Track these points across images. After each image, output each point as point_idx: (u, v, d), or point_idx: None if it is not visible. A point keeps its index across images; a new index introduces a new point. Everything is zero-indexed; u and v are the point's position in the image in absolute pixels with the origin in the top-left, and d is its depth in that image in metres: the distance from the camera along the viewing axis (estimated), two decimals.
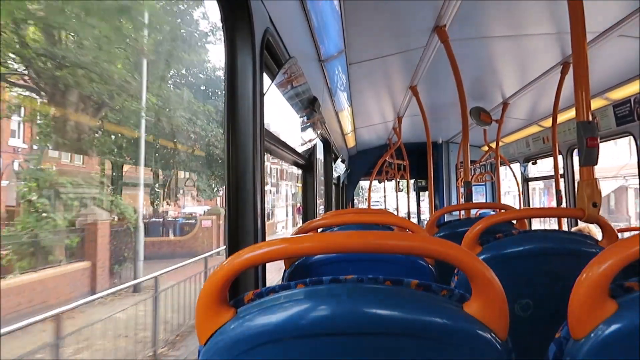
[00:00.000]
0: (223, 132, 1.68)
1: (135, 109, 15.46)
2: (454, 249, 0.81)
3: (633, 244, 0.80)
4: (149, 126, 16.51)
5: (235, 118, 1.62)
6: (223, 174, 20.84)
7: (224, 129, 1.65)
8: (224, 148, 1.64)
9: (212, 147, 20.18)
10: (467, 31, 2.97)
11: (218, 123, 20.29)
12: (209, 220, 20.16)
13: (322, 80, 3.40)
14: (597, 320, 0.79)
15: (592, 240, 1.65)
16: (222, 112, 19.24)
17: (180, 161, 19.98)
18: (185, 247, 19.04)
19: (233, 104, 1.62)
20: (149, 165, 18.11)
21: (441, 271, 1.71)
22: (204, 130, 19.69)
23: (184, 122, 18.30)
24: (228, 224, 1.62)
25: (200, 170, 21.35)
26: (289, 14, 2.18)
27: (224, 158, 1.65)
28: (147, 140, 16.32)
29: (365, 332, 0.80)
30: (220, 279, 0.83)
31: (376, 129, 7.06)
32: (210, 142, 20.08)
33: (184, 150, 19.62)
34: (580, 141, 1.84)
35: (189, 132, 19.06)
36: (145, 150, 16.07)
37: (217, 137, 19.87)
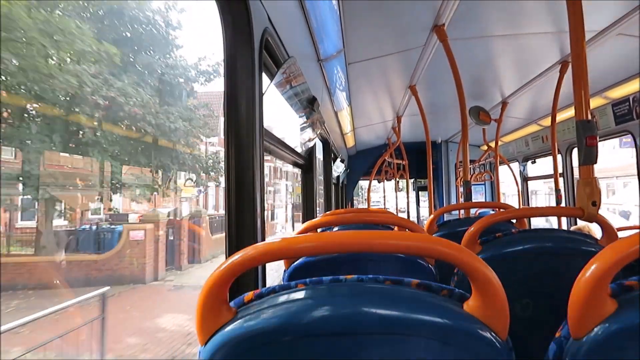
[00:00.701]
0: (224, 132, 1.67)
1: None
2: (453, 248, 0.81)
3: (633, 242, 0.80)
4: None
5: (234, 118, 1.63)
6: (167, 162, 16.09)
7: (223, 129, 1.65)
8: (224, 148, 1.64)
9: (145, 123, 14.88)
10: (465, 30, 2.97)
11: (153, 89, 15.77)
12: (141, 230, 14.26)
13: (321, 80, 3.40)
14: (597, 320, 0.79)
15: (592, 239, 1.65)
16: (160, 74, 16.38)
17: (83, 143, 13.21)
18: (105, 269, 13.24)
19: (232, 104, 1.62)
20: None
21: (441, 271, 1.71)
22: (125, 96, 13.87)
23: (88, 81, 12.17)
24: (228, 224, 1.62)
25: (124, 156, 15.25)
26: (288, 13, 2.18)
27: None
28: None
29: (366, 332, 0.79)
30: (220, 279, 0.83)
31: (375, 128, 7.06)
32: (137, 115, 14.58)
33: (88, 126, 13.12)
34: (580, 140, 1.84)
35: (96, 97, 12.83)
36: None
37: (152, 108, 14.89)
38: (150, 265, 14.15)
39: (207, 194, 32.93)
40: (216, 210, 32.67)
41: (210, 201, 33.75)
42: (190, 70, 18.86)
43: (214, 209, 32.78)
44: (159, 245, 14.70)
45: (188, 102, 18.79)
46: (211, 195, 34.34)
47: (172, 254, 16.39)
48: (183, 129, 17.25)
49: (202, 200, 32.85)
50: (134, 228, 14.41)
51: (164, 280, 14.60)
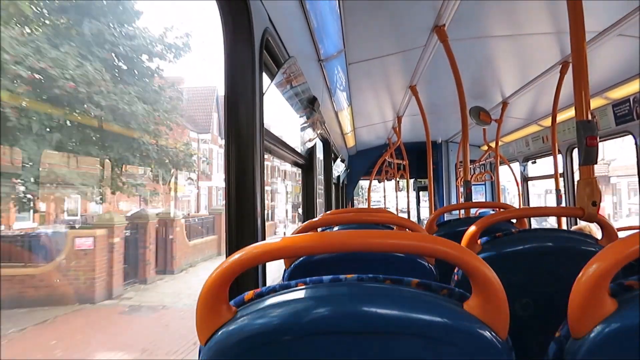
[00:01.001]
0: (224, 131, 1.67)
1: None
2: (453, 248, 0.81)
3: (633, 242, 0.80)
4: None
5: (235, 118, 1.63)
6: (125, 154, 14.51)
7: (224, 129, 1.66)
8: (224, 148, 1.65)
9: (92, 104, 12.29)
10: (466, 31, 2.97)
11: (103, 62, 12.78)
12: (89, 237, 11.51)
13: (322, 80, 3.40)
14: (597, 319, 0.79)
15: (592, 239, 1.65)
16: (112, 45, 13.60)
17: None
18: (44, 286, 10.20)
19: (233, 104, 1.62)
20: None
21: (441, 270, 1.71)
22: (62, 69, 11.12)
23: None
24: (228, 223, 1.62)
25: (69, 145, 12.46)
26: (288, 13, 2.18)
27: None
28: None
29: (366, 331, 0.80)
30: (220, 278, 0.83)
31: (376, 128, 7.06)
32: (80, 94, 11.81)
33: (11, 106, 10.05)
34: (580, 140, 1.84)
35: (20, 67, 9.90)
36: None
37: (102, 86, 12.16)
38: (102, 280, 11.61)
39: (199, 193, 31.74)
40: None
41: (202, 201, 32.33)
42: (155, 44, 15.69)
43: (207, 210, 31.18)
44: (113, 255, 12.12)
45: (154, 83, 15.88)
46: (204, 195, 32.86)
47: (135, 265, 14.03)
48: (143, 113, 14.29)
49: (193, 201, 31.65)
50: (81, 234, 11.49)
51: (120, 298, 12.18)
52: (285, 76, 2.18)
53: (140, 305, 11.86)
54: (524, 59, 3.71)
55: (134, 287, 13.51)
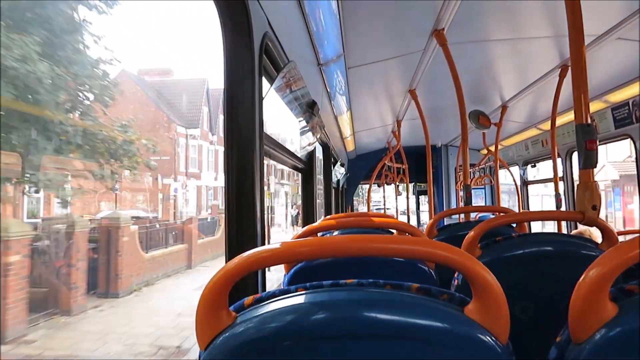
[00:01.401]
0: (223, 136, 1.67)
1: None
2: (453, 252, 0.81)
3: (633, 247, 0.80)
4: None
5: (234, 122, 1.63)
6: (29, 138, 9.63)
7: (223, 133, 1.66)
8: (224, 152, 1.64)
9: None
10: (465, 34, 2.98)
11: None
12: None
13: (321, 84, 3.40)
14: (597, 324, 0.79)
15: (592, 244, 1.65)
16: None
17: None
18: None
19: (232, 109, 1.63)
20: None
21: (441, 275, 1.71)
22: None
23: None
24: (228, 228, 1.62)
25: None
26: (288, 18, 2.18)
27: None
28: None
29: (366, 336, 0.79)
30: (220, 284, 0.82)
31: (375, 132, 7.07)
32: None
33: None
34: (579, 144, 1.84)
35: None
36: None
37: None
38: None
39: (177, 195, 29.48)
40: (199, 213, 29.04)
41: (188, 202, 30.34)
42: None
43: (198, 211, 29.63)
44: (8, 279, 8.80)
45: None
46: (193, 196, 30.84)
47: (54, 290, 10.58)
48: (50, 78, 9.97)
49: (181, 201, 29.62)
50: None
51: (17, 342, 8.66)
52: (284, 80, 2.18)
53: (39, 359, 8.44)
54: (523, 63, 3.72)
55: (50, 322, 10.07)
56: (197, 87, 33.06)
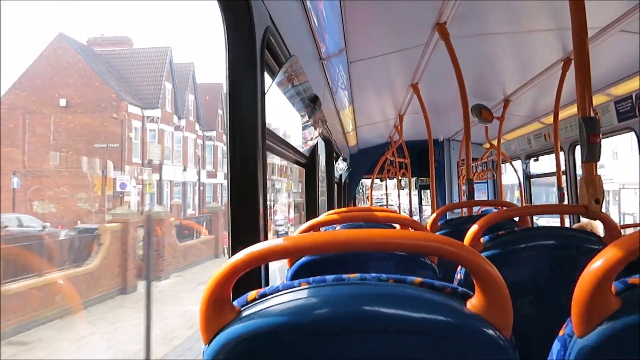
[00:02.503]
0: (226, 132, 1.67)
1: None
2: (456, 246, 0.81)
3: (636, 240, 0.80)
4: None
5: (236, 117, 1.63)
6: None
7: (225, 129, 1.66)
8: (227, 147, 1.65)
9: None
10: (467, 28, 2.96)
11: None
12: None
13: (323, 79, 3.40)
14: (600, 317, 0.79)
15: (595, 237, 1.65)
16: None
17: None
18: None
19: (234, 104, 1.63)
20: None
21: (444, 269, 1.71)
22: None
23: None
24: (231, 223, 1.63)
25: None
26: (290, 12, 2.18)
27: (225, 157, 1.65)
28: None
29: (369, 330, 0.80)
30: (223, 278, 0.83)
31: (377, 127, 7.06)
32: None
33: None
34: (583, 137, 1.84)
35: None
36: None
37: None
38: None
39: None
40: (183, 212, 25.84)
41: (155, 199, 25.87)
42: None
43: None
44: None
45: None
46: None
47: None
48: None
49: (134, 199, 24.63)
50: None
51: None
52: (286, 75, 2.18)
53: None
54: (526, 56, 3.71)
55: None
56: (157, 59, 27.30)
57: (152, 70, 26.87)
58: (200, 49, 64.32)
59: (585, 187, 1.82)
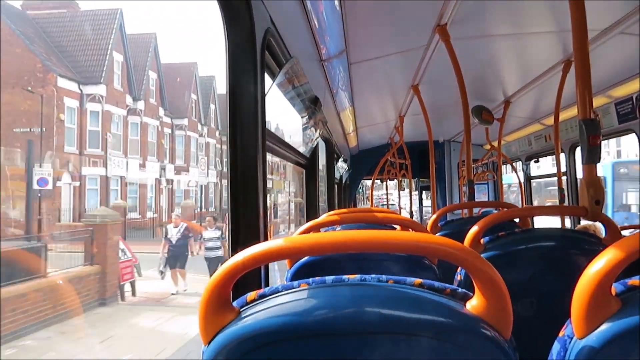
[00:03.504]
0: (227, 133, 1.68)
1: None
2: (456, 247, 0.81)
3: (637, 241, 0.80)
4: None
5: (237, 119, 1.63)
6: None
7: (226, 130, 1.66)
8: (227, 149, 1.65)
9: None
10: (468, 30, 2.96)
11: None
12: None
13: (324, 80, 3.40)
14: (600, 319, 0.79)
15: (595, 238, 1.65)
16: None
17: None
18: None
19: (235, 105, 1.63)
20: None
21: (444, 270, 1.71)
22: None
23: None
24: (231, 224, 1.63)
25: None
26: (290, 14, 2.18)
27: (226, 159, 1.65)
28: None
29: (369, 331, 0.80)
30: (223, 279, 0.83)
31: (378, 128, 7.06)
32: None
33: None
34: (583, 139, 1.84)
35: None
36: None
37: None
38: None
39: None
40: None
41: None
42: None
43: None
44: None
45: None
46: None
47: None
48: None
49: (66, 199, 18.89)
50: None
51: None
52: (287, 76, 2.18)
53: None
54: (526, 58, 3.71)
55: None
56: (102, 22, 21.90)
57: (97, 37, 21.00)
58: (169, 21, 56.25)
59: (586, 188, 1.82)
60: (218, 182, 33.54)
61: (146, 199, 26.02)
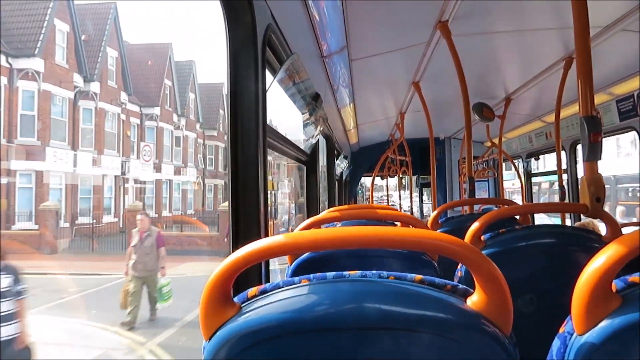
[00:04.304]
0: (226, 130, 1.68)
1: None
2: (457, 244, 0.81)
3: (637, 238, 0.80)
4: None
5: (238, 115, 1.63)
6: None
7: (227, 126, 1.66)
8: (228, 145, 1.65)
9: None
10: (469, 26, 2.96)
11: None
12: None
13: (324, 77, 3.39)
14: (601, 315, 0.79)
15: (596, 236, 1.65)
16: None
17: None
18: None
19: (236, 101, 1.63)
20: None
21: (445, 266, 1.71)
22: None
23: None
24: (232, 220, 1.63)
25: None
26: (291, 10, 2.18)
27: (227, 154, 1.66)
28: None
29: (369, 327, 0.80)
30: (224, 275, 0.83)
31: (379, 125, 7.05)
32: None
33: None
34: (584, 136, 1.84)
35: None
36: None
37: None
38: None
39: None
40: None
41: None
42: None
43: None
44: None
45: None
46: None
47: None
48: None
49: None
50: None
51: None
52: (287, 73, 2.18)
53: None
54: (528, 55, 3.70)
55: None
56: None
57: (28, 6, 17.11)
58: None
59: (587, 186, 1.82)
60: (200, 181, 30.48)
61: (102, 199, 21.91)
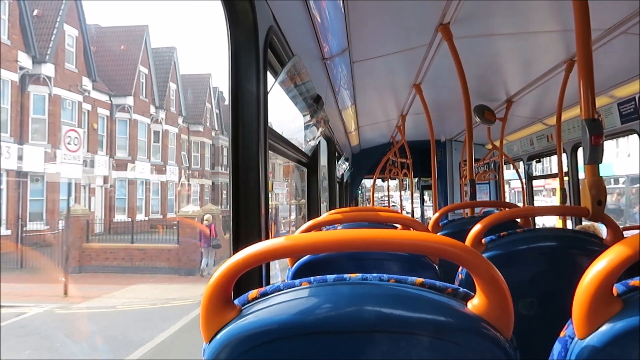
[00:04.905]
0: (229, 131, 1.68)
1: None
2: (458, 247, 0.81)
3: (638, 242, 0.79)
4: None
5: (239, 117, 1.63)
6: None
7: (228, 128, 1.66)
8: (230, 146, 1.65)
9: None
10: (470, 29, 2.96)
11: None
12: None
13: (326, 79, 3.40)
14: (602, 319, 0.79)
15: (597, 239, 1.64)
16: None
17: None
18: None
19: (237, 103, 1.63)
20: None
21: (445, 269, 1.71)
22: None
23: None
24: (233, 222, 1.63)
25: None
26: (292, 12, 2.18)
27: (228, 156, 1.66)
28: None
29: (370, 330, 0.80)
30: (225, 277, 0.83)
31: (379, 127, 7.05)
32: None
33: None
34: (585, 139, 1.84)
35: None
36: None
37: None
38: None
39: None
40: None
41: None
42: None
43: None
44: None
45: None
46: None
47: None
48: None
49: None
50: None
51: None
52: (289, 75, 2.18)
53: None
54: (529, 58, 3.70)
55: None
56: None
57: None
58: None
59: (588, 189, 1.82)
60: (186, 181, 27.71)
61: (57, 202, 18.72)
